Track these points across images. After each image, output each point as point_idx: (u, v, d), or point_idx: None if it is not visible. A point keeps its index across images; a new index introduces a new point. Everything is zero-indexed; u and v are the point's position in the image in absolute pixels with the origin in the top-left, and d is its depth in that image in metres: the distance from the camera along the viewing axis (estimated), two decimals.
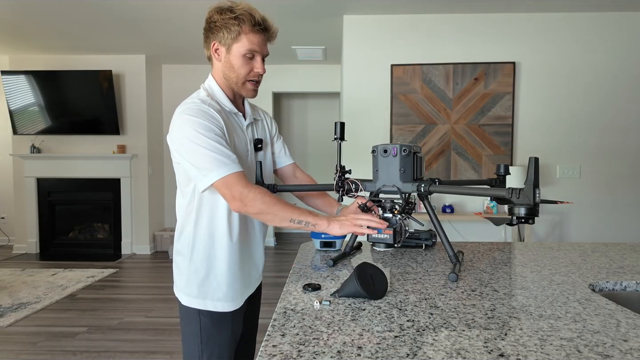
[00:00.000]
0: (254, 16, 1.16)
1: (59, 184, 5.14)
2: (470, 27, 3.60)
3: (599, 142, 3.60)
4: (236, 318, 1.25)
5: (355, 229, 1.09)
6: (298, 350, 0.70)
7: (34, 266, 4.55)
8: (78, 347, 2.63)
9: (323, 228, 1.11)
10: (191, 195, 1.21)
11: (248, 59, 1.19)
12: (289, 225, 1.11)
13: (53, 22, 3.87)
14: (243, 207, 1.09)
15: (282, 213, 1.10)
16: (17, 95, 4.88)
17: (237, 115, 1.26)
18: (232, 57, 1.19)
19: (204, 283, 1.20)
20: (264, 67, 1.23)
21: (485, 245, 1.53)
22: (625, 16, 3.53)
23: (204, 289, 1.20)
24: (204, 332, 1.21)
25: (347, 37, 3.67)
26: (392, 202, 1.23)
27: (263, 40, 1.20)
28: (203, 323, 1.21)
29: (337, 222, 1.11)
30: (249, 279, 1.30)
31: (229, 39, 1.17)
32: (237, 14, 1.16)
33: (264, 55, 1.21)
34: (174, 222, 5.63)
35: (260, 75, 1.23)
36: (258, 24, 1.17)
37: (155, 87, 5.33)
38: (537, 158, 0.89)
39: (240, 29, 1.16)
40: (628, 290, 1.10)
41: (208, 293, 1.20)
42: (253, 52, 1.19)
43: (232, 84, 1.23)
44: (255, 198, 1.08)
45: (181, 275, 1.24)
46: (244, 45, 1.17)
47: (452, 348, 0.70)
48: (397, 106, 3.64)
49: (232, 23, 1.16)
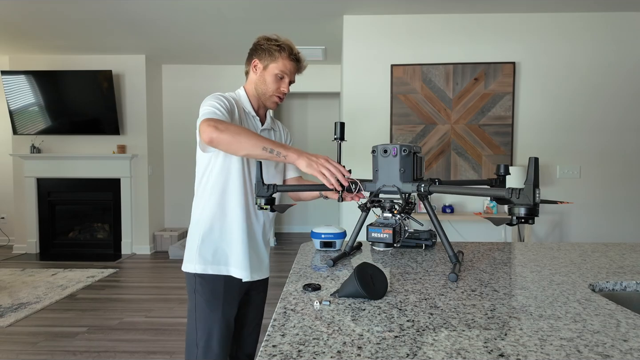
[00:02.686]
0: (292, 49, 1.47)
1: (59, 184, 5.14)
2: (470, 27, 3.60)
3: (599, 142, 3.60)
4: (228, 301, 1.41)
5: (318, 175, 1.19)
6: (298, 350, 0.70)
7: (34, 266, 4.56)
8: (78, 347, 2.63)
9: (292, 160, 1.21)
10: (207, 177, 1.43)
11: (279, 79, 1.47)
12: (261, 153, 1.22)
13: (53, 22, 3.87)
14: (216, 131, 1.20)
15: (254, 140, 1.21)
16: (17, 95, 4.88)
17: (254, 118, 1.49)
18: (267, 74, 1.46)
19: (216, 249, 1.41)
20: (289, 89, 1.49)
21: (485, 245, 1.53)
22: (625, 16, 3.53)
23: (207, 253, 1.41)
24: (198, 309, 1.39)
25: (347, 37, 3.67)
26: (392, 202, 1.23)
27: (294, 68, 1.49)
28: (198, 302, 1.40)
29: (306, 158, 1.20)
30: (255, 262, 1.46)
31: (268, 59, 1.46)
32: (280, 43, 1.46)
33: (291, 80, 1.50)
34: (173, 222, 5.65)
35: (284, 93, 1.49)
36: (294, 55, 1.47)
37: (155, 87, 5.33)
38: (537, 158, 0.89)
39: (279, 54, 1.45)
40: (628, 290, 1.10)
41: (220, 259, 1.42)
42: (284, 74, 1.46)
43: (260, 95, 1.48)
44: (228, 125, 1.23)
45: (193, 244, 1.43)
46: (278, 67, 1.45)
47: (452, 348, 0.70)
48: (397, 106, 3.64)
49: (275, 49, 1.45)
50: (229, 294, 1.42)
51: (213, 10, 3.56)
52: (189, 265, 1.42)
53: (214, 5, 3.44)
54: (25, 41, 4.47)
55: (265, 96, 1.48)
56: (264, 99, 1.49)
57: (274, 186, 1.27)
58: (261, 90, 1.48)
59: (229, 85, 5.45)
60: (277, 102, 1.50)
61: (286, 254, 5.15)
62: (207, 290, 1.40)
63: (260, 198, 1.27)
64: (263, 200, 1.26)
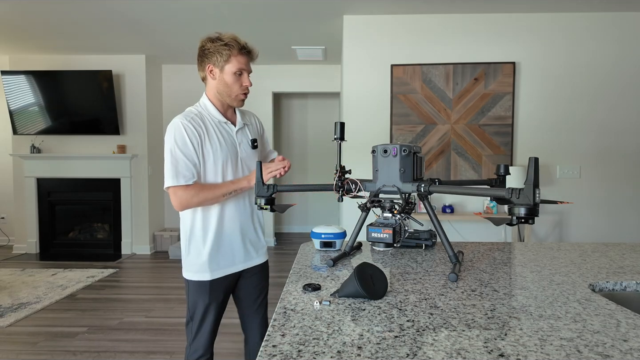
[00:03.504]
0: (239, 42, 1.49)
1: (59, 184, 5.14)
2: (470, 27, 3.60)
3: (599, 142, 3.60)
4: (214, 290, 1.54)
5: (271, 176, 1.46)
6: (298, 350, 0.70)
7: (34, 266, 4.55)
8: (78, 347, 2.63)
9: (245, 185, 1.48)
10: None
11: (238, 76, 1.51)
12: (225, 199, 1.49)
13: (53, 22, 3.87)
14: (181, 206, 1.46)
15: (214, 196, 1.45)
16: (17, 95, 4.88)
17: (226, 124, 1.55)
18: (225, 75, 1.50)
19: (187, 259, 1.55)
20: (250, 82, 1.54)
21: (485, 245, 1.53)
22: (625, 16, 3.53)
23: (187, 263, 1.55)
24: (190, 299, 1.57)
25: (347, 37, 3.67)
26: (392, 202, 1.23)
27: (247, 60, 1.52)
28: (190, 292, 1.56)
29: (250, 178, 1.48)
30: (229, 259, 1.57)
31: (221, 61, 1.49)
32: (226, 42, 1.48)
33: (249, 72, 1.54)
34: (173, 222, 5.65)
35: (247, 88, 1.54)
36: (243, 48, 1.50)
37: (155, 87, 5.33)
38: (537, 158, 0.89)
39: (230, 53, 1.48)
40: (628, 290, 1.10)
41: (190, 267, 1.55)
42: (241, 70, 1.51)
43: (225, 97, 1.53)
44: (189, 198, 1.44)
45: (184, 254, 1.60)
46: (234, 65, 1.49)
47: (452, 348, 0.70)
48: (397, 106, 3.64)
49: (223, 48, 1.48)
50: (212, 287, 1.55)
51: (213, 10, 3.56)
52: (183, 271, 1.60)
53: (213, 5, 3.44)
54: (25, 41, 4.47)
55: (231, 97, 1.53)
56: (230, 101, 1.54)
57: (274, 186, 1.27)
58: (225, 93, 1.52)
59: None
60: (243, 99, 1.55)
61: (286, 254, 5.15)
62: (192, 290, 1.56)
63: (260, 198, 1.27)
64: (263, 201, 1.26)
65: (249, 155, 1.59)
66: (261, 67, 5.42)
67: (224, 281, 1.57)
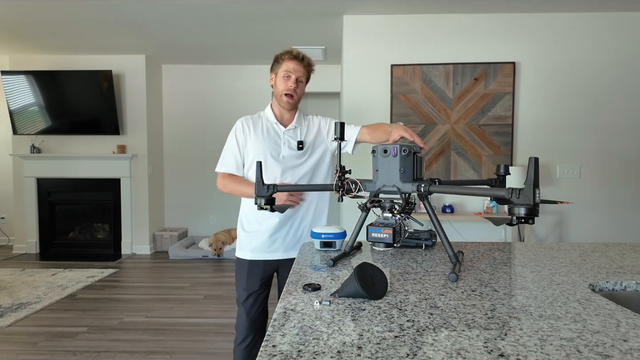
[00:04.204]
0: (292, 51, 1.72)
1: (59, 184, 5.14)
2: (470, 27, 3.60)
3: (598, 142, 3.60)
4: (251, 273, 1.76)
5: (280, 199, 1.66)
6: (298, 350, 0.70)
7: (34, 266, 4.56)
8: (78, 347, 2.63)
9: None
10: None
11: (285, 79, 1.70)
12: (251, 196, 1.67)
13: (53, 22, 3.87)
14: (221, 189, 1.77)
15: (238, 192, 1.74)
16: (17, 95, 4.88)
17: (276, 124, 1.76)
18: (277, 79, 1.73)
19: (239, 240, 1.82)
20: (295, 86, 1.71)
21: (485, 245, 1.53)
22: (625, 16, 3.53)
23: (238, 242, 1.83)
24: (235, 275, 1.82)
25: (347, 37, 3.67)
26: (392, 202, 1.23)
27: (296, 65, 1.70)
28: (235, 269, 1.83)
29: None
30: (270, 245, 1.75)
31: (276, 67, 1.74)
32: (284, 52, 1.72)
33: (297, 77, 1.71)
34: (173, 222, 5.65)
35: (291, 90, 1.70)
36: (293, 54, 1.71)
37: (155, 87, 5.33)
38: (537, 158, 0.89)
39: (282, 58, 1.72)
40: (628, 290, 1.10)
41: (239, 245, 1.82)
42: (289, 73, 1.70)
43: (277, 99, 1.75)
44: (223, 186, 1.76)
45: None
46: (283, 69, 1.71)
47: (452, 348, 0.70)
48: (397, 106, 3.64)
49: (279, 56, 1.73)
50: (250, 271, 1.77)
51: (213, 10, 3.56)
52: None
53: (213, 5, 3.44)
54: (25, 41, 4.47)
55: (279, 98, 1.73)
56: (279, 101, 1.74)
57: (274, 186, 1.27)
58: (277, 95, 1.73)
59: (229, 85, 5.47)
60: (288, 100, 1.71)
61: None
62: (237, 267, 1.82)
63: (260, 198, 1.27)
64: (263, 200, 1.26)
65: (292, 154, 1.74)
66: (261, 67, 5.42)
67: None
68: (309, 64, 1.74)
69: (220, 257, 4.88)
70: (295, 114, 1.79)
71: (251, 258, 1.77)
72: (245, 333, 1.76)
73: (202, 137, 5.48)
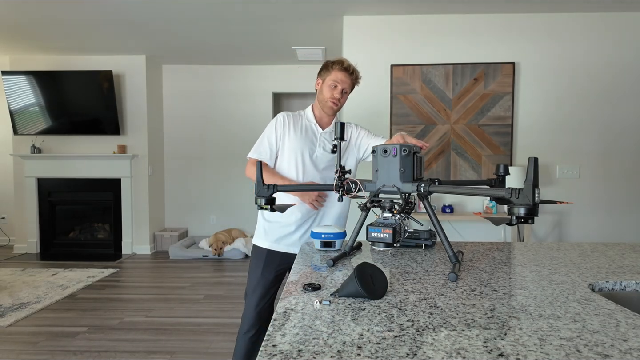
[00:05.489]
0: (344, 62, 1.77)
1: (59, 184, 5.14)
2: (470, 27, 3.60)
3: (598, 142, 3.60)
4: (268, 264, 1.80)
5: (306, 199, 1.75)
6: (298, 350, 0.70)
7: (34, 266, 4.56)
8: (78, 347, 2.64)
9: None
10: None
11: (332, 87, 1.76)
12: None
13: (53, 22, 3.87)
14: (247, 172, 1.83)
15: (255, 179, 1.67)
16: (18, 95, 4.88)
17: (315, 125, 1.82)
18: (324, 85, 1.79)
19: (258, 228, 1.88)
20: (340, 97, 1.78)
21: (484, 245, 1.53)
22: (625, 16, 3.53)
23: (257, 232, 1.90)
24: (250, 263, 1.87)
25: (347, 37, 3.67)
26: (391, 202, 1.23)
27: (345, 77, 1.76)
28: (251, 257, 1.89)
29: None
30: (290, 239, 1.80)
31: (325, 74, 1.80)
32: (335, 60, 1.78)
33: (343, 88, 1.77)
34: (174, 222, 5.65)
35: (337, 99, 1.77)
36: (344, 66, 1.76)
37: (156, 87, 5.33)
38: (537, 158, 0.89)
39: (332, 67, 1.77)
40: (627, 290, 1.10)
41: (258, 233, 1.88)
42: (336, 82, 1.76)
43: (321, 104, 1.80)
44: (248, 170, 1.82)
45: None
46: (331, 77, 1.77)
47: (451, 348, 0.71)
48: (396, 106, 3.65)
49: (329, 64, 1.79)
50: (267, 261, 1.81)
51: (213, 10, 3.56)
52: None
53: (213, 5, 3.45)
54: (26, 41, 4.47)
55: (323, 103, 1.79)
56: (322, 106, 1.80)
57: (273, 186, 1.27)
58: (321, 100, 1.79)
59: (229, 85, 5.47)
60: (332, 107, 1.78)
61: None
62: (254, 255, 1.87)
63: (260, 198, 1.27)
64: (263, 200, 1.27)
65: (325, 156, 1.80)
66: (261, 68, 5.43)
67: None
68: (356, 78, 1.81)
69: (221, 257, 4.89)
70: (333, 119, 1.87)
71: (270, 248, 1.80)
72: (251, 323, 1.80)
73: (202, 137, 5.48)
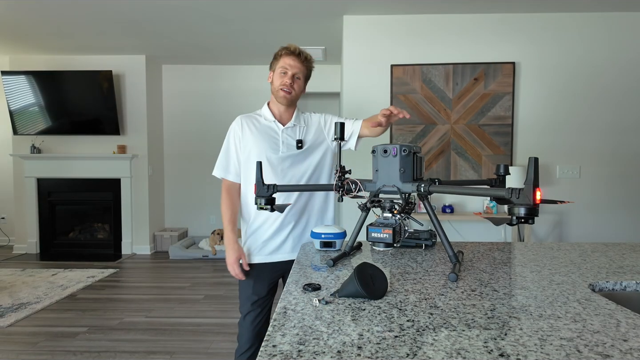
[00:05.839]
0: (290, 46, 1.67)
1: (59, 184, 5.14)
2: (470, 27, 3.60)
3: (598, 142, 3.60)
4: (258, 280, 1.70)
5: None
6: (298, 350, 0.70)
7: (34, 266, 4.56)
8: (78, 347, 2.63)
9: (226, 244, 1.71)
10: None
11: (282, 74, 1.65)
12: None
13: (53, 22, 3.87)
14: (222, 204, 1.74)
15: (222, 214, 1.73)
16: (17, 95, 4.88)
17: (274, 122, 1.70)
18: (274, 75, 1.69)
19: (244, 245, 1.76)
20: (292, 82, 1.65)
21: (485, 245, 1.53)
22: (626, 16, 3.53)
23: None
24: (240, 283, 1.75)
25: (347, 37, 3.67)
26: (392, 202, 1.23)
27: (294, 61, 1.65)
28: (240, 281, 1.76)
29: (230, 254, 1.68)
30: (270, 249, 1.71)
31: (274, 63, 1.70)
32: (282, 47, 1.67)
33: (294, 73, 1.66)
34: (174, 222, 5.65)
35: (287, 85, 1.64)
36: (291, 50, 1.65)
37: (156, 87, 5.33)
38: (537, 158, 0.89)
39: (279, 54, 1.67)
40: (628, 290, 1.10)
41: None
42: (285, 69, 1.65)
43: (274, 95, 1.70)
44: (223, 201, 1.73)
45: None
46: (280, 64, 1.66)
47: (452, 348, 0.71)
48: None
49: (277, 52, 1.69)
50: (257, 277, 1.71)
51: (213, 10, 3.56)
52: None
53: (213, 5, 3.44)
54: (26, 41, 4.47)
55: (275, 94, 1.68)
56: (276, 97, 1.69)
57: (273, 186, 1.27)
58: (273, 91, 1.69)
59: (229, 85, 5.47)
60: (285, 95, 1.65)
61: None
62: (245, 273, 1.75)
63: (260, 198, 1.27)
64: (263, 200, 1.26)
65: (291, 154, 1.68)
66: (261, 67, 5.42)
67: None
68: (306, 60, 1.68)
69: (219, 257, 4.88)
70: (293, 112, 1.74)
71: (257, 262, 1.71)
72: (250, 344, 1.70)
73: (202, 137, 5.48)
